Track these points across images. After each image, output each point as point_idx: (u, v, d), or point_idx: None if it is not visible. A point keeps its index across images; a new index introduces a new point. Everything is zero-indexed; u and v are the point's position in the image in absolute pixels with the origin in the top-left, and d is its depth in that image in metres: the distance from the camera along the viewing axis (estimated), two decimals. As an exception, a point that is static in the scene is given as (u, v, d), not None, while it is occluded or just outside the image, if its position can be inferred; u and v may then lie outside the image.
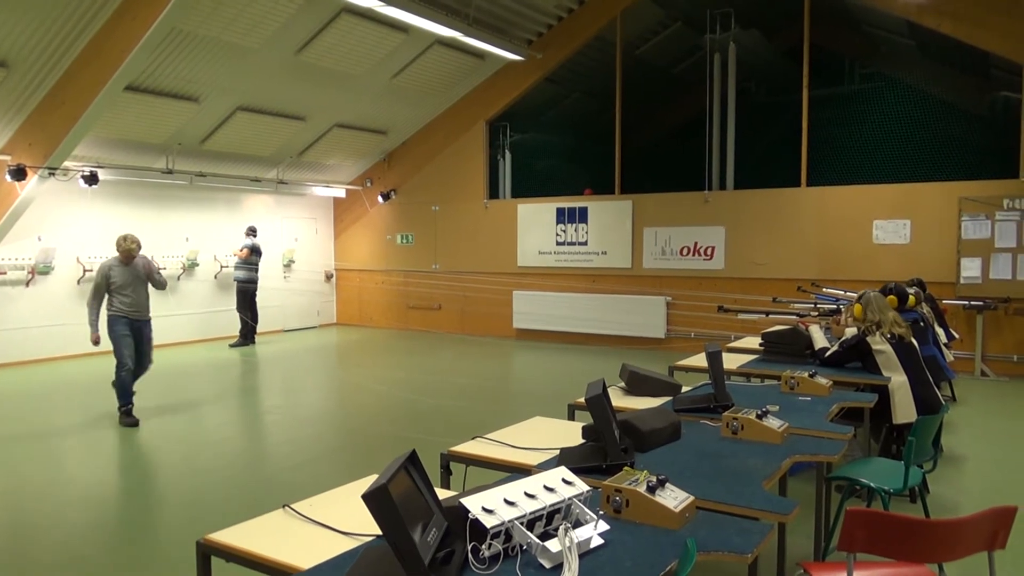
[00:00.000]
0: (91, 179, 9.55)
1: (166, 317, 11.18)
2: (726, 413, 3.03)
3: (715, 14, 10.79)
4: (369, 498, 1.58)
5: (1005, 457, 5.67)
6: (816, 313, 6.13)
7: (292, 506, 2.25)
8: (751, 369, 4.85)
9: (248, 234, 11.34)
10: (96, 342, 6.43)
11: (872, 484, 3.22)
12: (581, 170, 12.78)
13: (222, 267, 11.69)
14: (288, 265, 13.13)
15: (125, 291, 6.42)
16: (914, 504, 4.08)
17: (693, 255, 10.62)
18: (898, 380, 4.33)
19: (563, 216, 11.66)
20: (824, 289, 8.18)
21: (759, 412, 3.00)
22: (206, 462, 5.55)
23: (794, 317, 6.17)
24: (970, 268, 8.86)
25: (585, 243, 11.47)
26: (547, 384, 8.77)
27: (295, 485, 4.93)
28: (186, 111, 9.68)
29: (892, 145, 10.40)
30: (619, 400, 3.84)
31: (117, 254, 6.46)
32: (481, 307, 12.39)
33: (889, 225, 9.37)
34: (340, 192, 13.64)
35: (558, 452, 2.70)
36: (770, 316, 6.95)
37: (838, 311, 5.62)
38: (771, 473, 2.54)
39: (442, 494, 2.17)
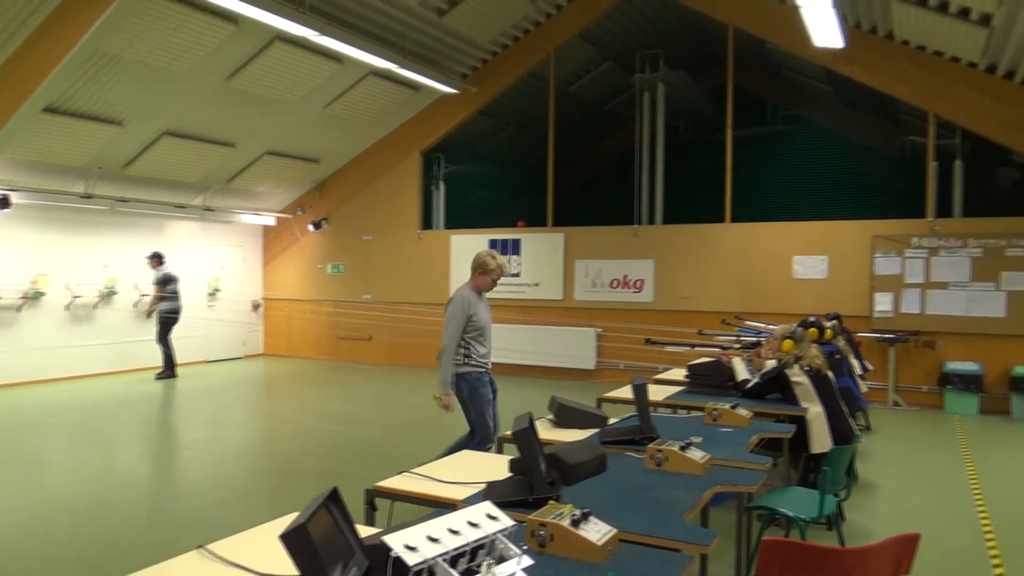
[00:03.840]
0: (2, 203, 9.13)
1: (81, 347, 10.71)
2: (651, 445, 3.08)
3: (644, 55, 11.16)
4: (286, 538, 1.55)
5: (916, 484, 5.92)
6: (739, 346, 6.32)
7: (208, 547, 2.17)
8: (677, 401, 4.95)
9: (154, 264, 10.85)
10: None
11: (789, 513, 3.32)
12: (514, 202, 12.92)
13: (142, 295, 11.28)
14: (213, 294, 12.76)
15: None
16: (830, 532, 4.21)
17: (623, 287, 10.82)
18: (815, 411, 4.49)
19: (496, 248, 11.73)
20: (747, 322, 8.44)
21: (683, 444, 3.06)
22: (118, 501, 5.30)
23: (718, 350, 6.34)
24: (883, 302, 9.30)
25: (518, 275, 11.56)
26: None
27: (213, 524, 4.75)
28: (108, 134, 9.38)
29: (811, 184, 10.91)
30: (547, 432, 3.86)
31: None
32: (413, 338, 12.30)
33: (808, 261, 9.77)
34: (270, 220, 13.40)
35: (485, 486, 2.70)
36: (695, 348, 7.12)
37: (759, 344, 5.81)
38: (693, 504, 2.59)
39: (366, 531, 2.13)
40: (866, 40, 9.27)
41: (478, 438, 5.09)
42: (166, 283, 10.72)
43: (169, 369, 10.78)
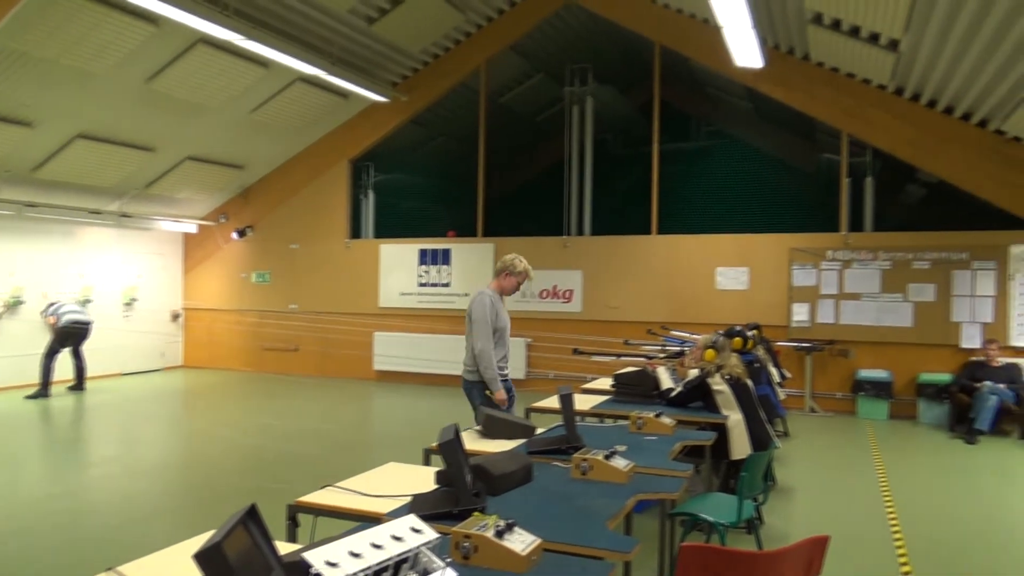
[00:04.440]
0: (-103, 206, 8.57)
1: (-16, 360, 10.12)
2: (576, 454, 3.12)
3: (574, 69, 11.33)
4: (200, 558, 1.50)
5: (831, 487, 6.16)
6: (663, 355, 6.46)
7: (118, 568, 2.08)
8: (603, 410, 5.02)
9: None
10: None
11: (710, 518, 3.41)
12: (445, 212, 12.89)
13: (50, 304, 10.74)
14: (129, 304, 12.26)
15: None
16: (750, 535, 4.34)
17: (553, 298, 10.93)
18: (735, 418, 4.62)
19: (426, 257, 11.69)
20: (672, 332, 8.65)
21: (607, 453, 3.10)
22: (22, 522, 5.01)
23: (643, 359, 6.47)
24: (800, 313, 9.67)
25: (448, 284, 11.53)
26: (406, 428, 8.65)
27: (125, 545, 4.54)
28: (17, 136, 8.93)
29: (733, 198, 11.26)
30: (475, 443, 3.85)
31: None
32: (341, 349, 12.10)
33: (730, 272, 10.08)
34: (191, 227, 12.98)
35: (411, 499, 2.67)
36: (621, 358, 7.25)
37: (683, 353, 5.96)
38: (616, 512, 2.63)
39: (288, 548, 2.08)
40: (784, 61, 9.66)
41: None
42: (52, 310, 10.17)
43: (78, 381, 10.29)
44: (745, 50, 7.95)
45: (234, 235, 12.84)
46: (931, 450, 7.65)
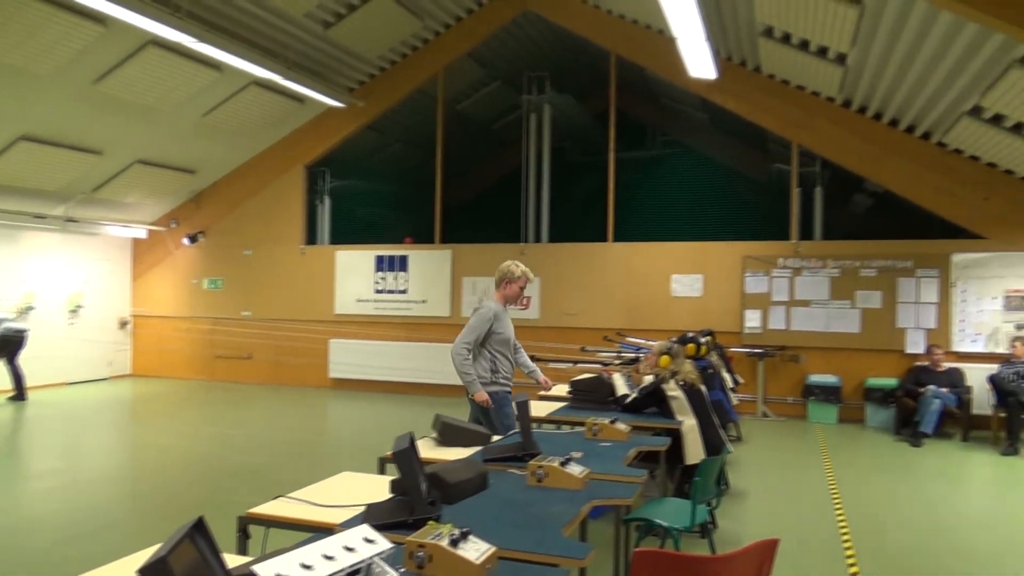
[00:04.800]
0: None
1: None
2: (532, 462, 3.12)
3: (532, 77, 11.40)
4: (145, 573, 1.46)
5: (782, 490, 6.28)
6: (619, 362, 6.51)
7: (58, 585, 2.01)
8: (559, 416, 5.04)
9: None
10: None
11: (664, 523, 3.44)
12: (402, 219, 12.84)
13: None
14: (75, 311, 11.90)
15: None
16: (704, 539, 4.39)
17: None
18: (689, 424, 4.68)
19: (383, 264, 11.60)
20: (627, 338, 8.72)
21: (563, 459, 3.11)
22: (-40, 538, 4.81)
23: (599, 366, 6.52)
24: (752, 319, 9.85)
25: (405, 291, 11.46)
26: (362, 436, 8.56)
27: (70, 560, 4.39)
28: (-45, 137, 8.63)
29: (688, 206, 11.45)
30: (431, 451, 3.83)
31: None
32: (296, 356, 11.93)
33: (685, 279, 10.22)
34: (141, 232, 12.67)
35: (364, 509, 2.64)
36: (578, 365, 7.29)
37: (638, 360, 6.02)
38: (571, 519, 2.64)
39: (238, 561, 2.04)
40: (736, 73, 9.86)
41: None
42: None
43: (20, 391, 9.96)
44: (698, 61, 8.09)
45: (185, 241, 12.58)
46: (878, 453, 7.85)
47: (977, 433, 8.40)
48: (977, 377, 8.51)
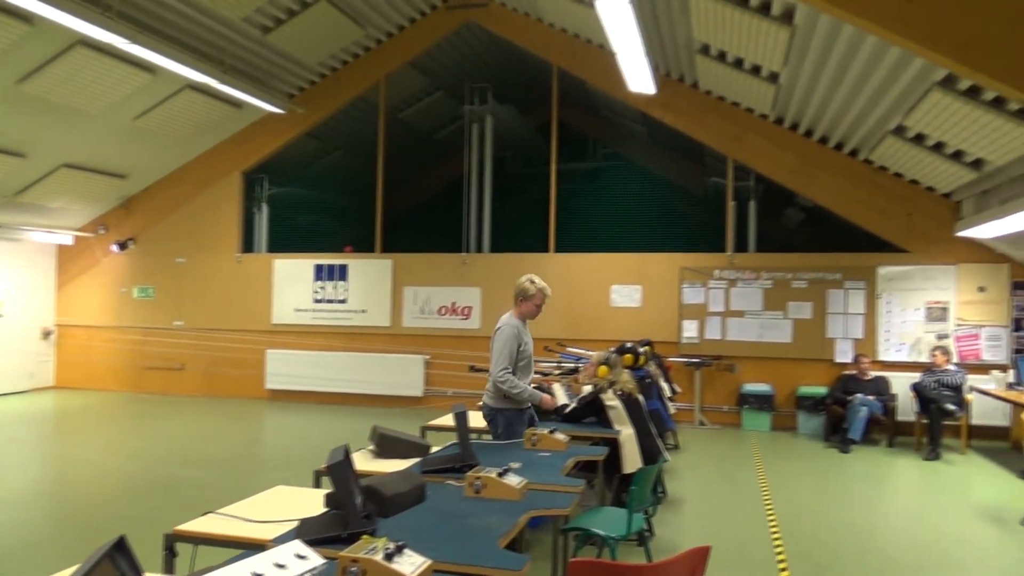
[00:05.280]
0: None
1: None
2: (470, 473, 3.11)
3: (474, 87, 11.42)
4: (58, 596, 1.39)
5: (718, 497, 6.40)
6: (559, 372, 6.56)
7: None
8: (499, 427, 5.02)
9: None
10: None
11: (601, 532, 3.46)
12: (342, 227, 12.67)
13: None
14: (-5, 320, 11.35)
15: None
16: (641, 548, 4.44)
17: (451, 314, 10.90)
18: (627, 433, 4.74)
19: (322, 273, 11.42)
20: (568, 349, 8.78)
21: (501, 470, 3.11)
22: None
23: (538, 376, 6.54)
24: (689, 329, 10.05)
25: (344, 301, 11.30)
26: (298, 449, 8.38)
27: (-16, 582, 4.18)
28: None
29: (628, 218, 11.63)
30: (368, 463, 3.78)
31: None
32: (230, 367, 11.62)
33: (624, 290, 10.36)
34: (66, 239, 12.18)
35: (297, 523, 2.59)
36: (518, 375, 7.28)
37: (577, 370, 6.06)
38: (508, 530, 2.64)
39: (159, 581, 1.97)
40: (675, 88, 10.08)
41: None
42: None
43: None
44: (638, 76, 8.23)
45: (114, 248, 12.14)
46: (809, 459, 8.09)
47: (902, 439, 8.73)
48: (901, 385, 8.85)
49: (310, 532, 2.45)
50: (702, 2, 7.03)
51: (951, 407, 8.17)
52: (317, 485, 3.66)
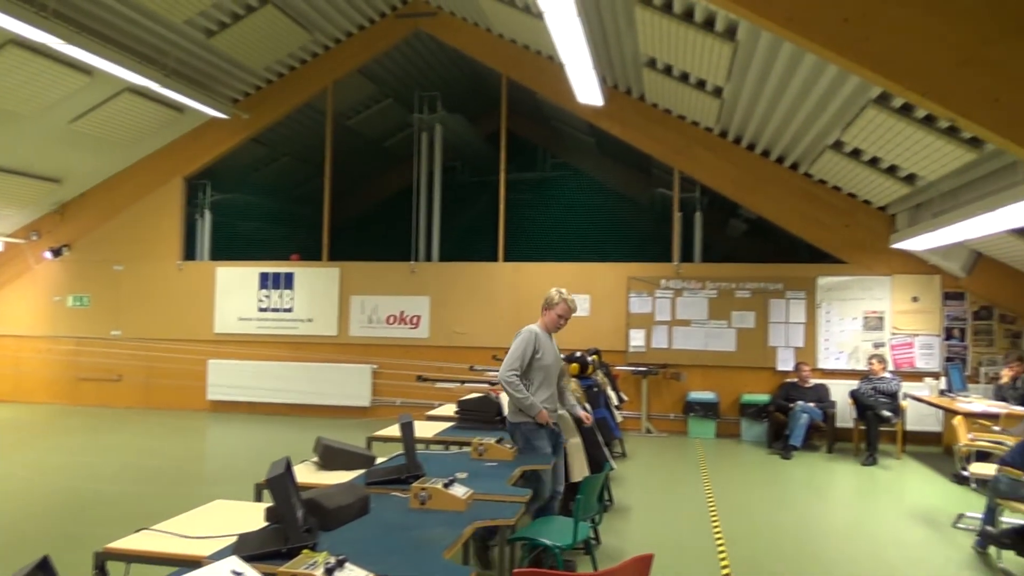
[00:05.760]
0: None
1: None
2: (415, 484, 3.07)
3: (423, 95, 11.39)
4: (-28, 621, 1.32)
5: (664, 504, 6.47)
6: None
7: None
8: (446, 437, 4.99)
9: None
10: None
11: (547, 542, 3.46)
12: (288, 235, 12.47)
13: None
14: (-83, 329, 10.81)
15: None
16: (587, 556, 4.45)
17: (399, 324, 10.81)
18: (574, 442, 4.75)
19: (267, 281, 11.20)
20: (517, 357, 8.77)
21: (447, 481, 3.08)
22: None
23: (487, 385, 6.53)
24: (636, 338, 10.16)
25: (290, 310, 11.10)
26: (240, 462, 8.17)
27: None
28: None
29: (576, 227, 11.73)
30: (312, 476, 3.71)
31: None
32: (170, 378, 11.28)
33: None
34: (-4, 245, 11.69)
35: (236, 539, 2.52)
36: (465, 384, 7.27)
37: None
38: (453, 541, 2.61)
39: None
40: (622, 100, 10.22)
41: (538, 501, 4.23)
42: None
43: None
44: (586, 88, 8.34)
45: (47, 254, 11.69)
46: (752, 466, 8.24)
47: (841, 445, 8.97)
48: (840, 392, 9.10)
49: (248, 548, 2.39)
50: (648, 16, 7.15)
51: (887, 413, 8.43)
52: (258, 499, 3.57)
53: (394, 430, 5.10)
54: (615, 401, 7.68)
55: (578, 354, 6.47)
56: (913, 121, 6.32)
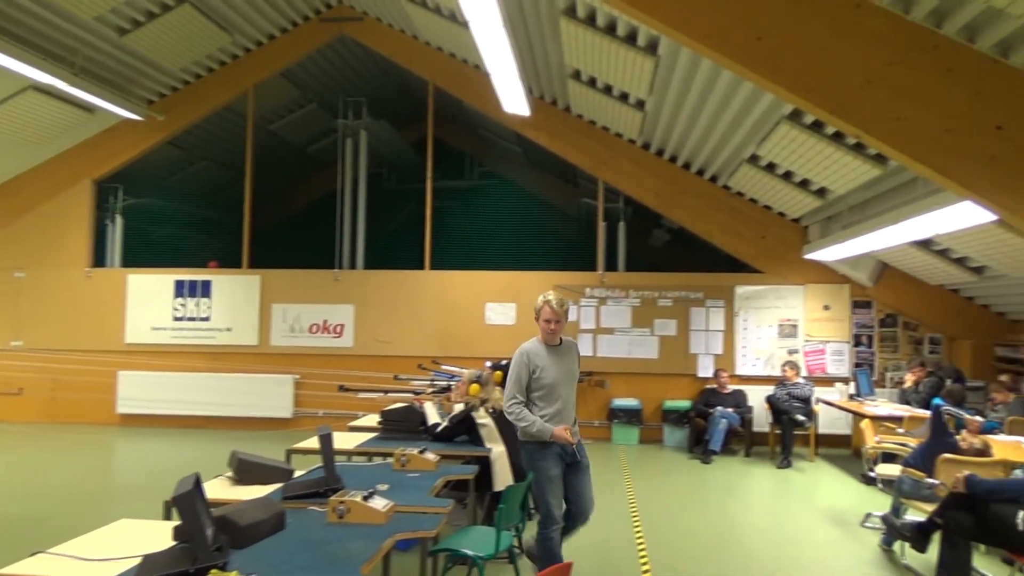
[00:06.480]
0: None
1: None
2: (333, 497, 3.00)
3: (348, 101, 11.23)
4: None
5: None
6: (432, 390, 6.49)
7: None
8: (368, 448, 4.91)
9: None
10: None
11: (469, 552, 3.43)
12: (207, 241, 12.05)
13: None
14: None
15: None
16: (512, 565, 4.44)
17: (323, 333, 10.59)
18: (498, 450, 4.74)
19: (183, 289, 10.79)
20: (442, 367, 8.73)
21: (366, 493, 3.02)
22: None
23: (411, 395, 6.45)
24: (562, 346, 10.22)
25: (208, 319, 10.72)
26: (151, 478, 7.80)
27: None
28: None
29: (503, 236, 11.76)
30: (226, 491, 3.57)
31: None
32: (77, 391, 10.71)
33: (499, 307, 10.44)
34: None
35: (141, 559, 2.39)
36: (389, 394, 7.17)
37: (450, 388, 6.03)
38: (371, 556, 2.56)
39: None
40: (548, 111, 10.32)
41: (545, 524, 4.00)
42: None
43: None
44: (512, 98, 8.39)
45: (-59, 260, 10.95)
46: (673, 471, 8.41)
47: (758, 449, 9.26)
48: (757, 398, 9.39)
49: (154, 569, 2.28)
50: (572, 29, 7.24)
51: (801, 418, 8.75)
52: (167, 517, 3.42)
53: (314, 442, 4.98)
54: (540, 409, 7.69)
55: (504, 362, 6.46)
56: (823, 137, 6.61)
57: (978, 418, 6.14)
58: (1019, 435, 6.50)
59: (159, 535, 2.77)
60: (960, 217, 5.33)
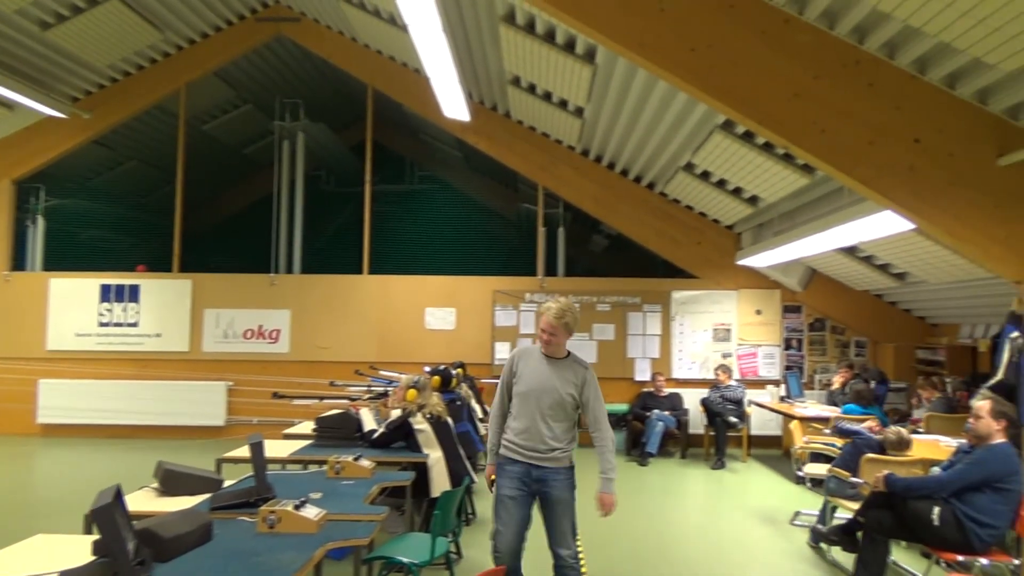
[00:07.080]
0: None
1: None
2: (263, 507, 2.93)
3: (285, 102, 11.03)
4: None
5: (525, 517, 6.52)
6: (368, 396, 6.42)
7: None
8: (302, 456, 4.82)
9: None
10: None
11: (404, 560, 3.40)
12: (135, 244, 11.66)
13: None
14: None
15: None
16: (448, 571, 4.41)
17: (258, 338, 10.35)
18: (435, 456, 4.72)
19: (109, 294, 10.40)
20: (380, 372, 8.64)
21: (298, 502, 2.96)
22: None
23: (346, 401, 6.37)
24: (502, 351, 10.25)
25: (136, 324, 10.36)
26: (72, 491, 7.47)
27: None
28: None
29: (443, 240, 11.72)
30: (151, 503, 3.46)
31: None
32: (-7, 400, 10.22)
33: (438, 312, 10.40)
34: None
35: (56, 576, 2.29)
36: (324, 401, 7.06)
37: (388, 394, 5.97)
38: (302, 566, 2.51)
39: None
40: (488, 116, 10.34)
41: (498, 552, 3.60)
42: None
43: None
44: (452, 102, 8.37)
45: None
46: (611, 474, 8.49)
47: (693, 450, 9.44)
48: (692, 400, 9.59)
49: (70, 585, 2.18)
50: (511, 35, 7.28)
51: (734, 419, 8.97)
52: (88, 532, 3.28)
53: (246, 451, 4.86)
54: (480, 414, 7.69)
55: (442, 367, 6.44)
56: (754, 147, 6.80)
57: (869, 423, 6.43)
58: (937, 433, 6.80)
59: (78, 550, 2.66)
60: (882, 225, 5.55)
